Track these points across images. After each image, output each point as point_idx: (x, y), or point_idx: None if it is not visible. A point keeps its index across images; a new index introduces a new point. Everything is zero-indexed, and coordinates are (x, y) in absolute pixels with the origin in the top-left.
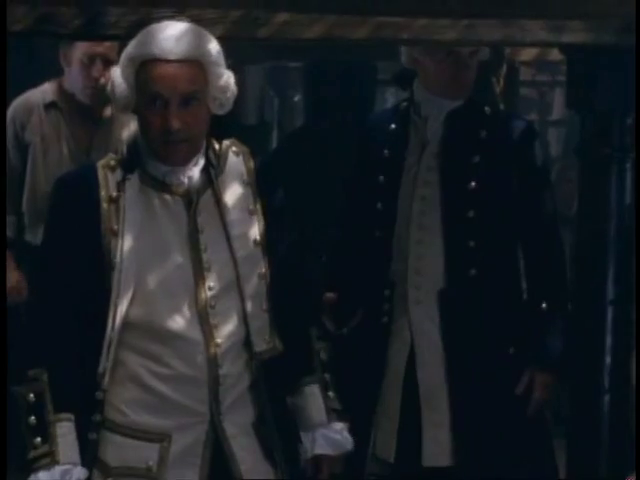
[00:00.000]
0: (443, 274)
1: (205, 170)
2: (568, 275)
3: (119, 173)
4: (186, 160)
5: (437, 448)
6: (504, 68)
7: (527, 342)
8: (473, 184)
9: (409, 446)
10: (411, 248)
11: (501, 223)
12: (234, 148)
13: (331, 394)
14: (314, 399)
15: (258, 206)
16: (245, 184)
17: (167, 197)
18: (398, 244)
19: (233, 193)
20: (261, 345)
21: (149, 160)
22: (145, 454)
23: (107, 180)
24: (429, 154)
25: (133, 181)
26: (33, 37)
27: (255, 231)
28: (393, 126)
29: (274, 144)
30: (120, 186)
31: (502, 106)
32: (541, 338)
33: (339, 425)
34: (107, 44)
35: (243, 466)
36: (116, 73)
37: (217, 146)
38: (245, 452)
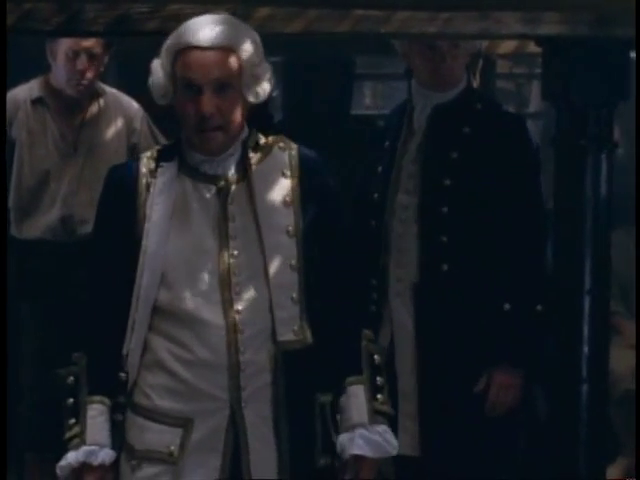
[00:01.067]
0: (417, 268)
1: (241, 160)
2: (543, 279)
3: (156, 161)
4: (221, 149)
5: (408, 438)
6: (480, 61)
7: (491, 339)
8: (448, 181)
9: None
10: (393, 240)
11: (476, 220)
12: (281, 144)
13: (380, 397)
14: (356, 400)
15: (297, 199)
16: (285, 177)
17: (201, 185)
18: (386, 235)
19: (269, 184)
20: (287, 335)
21: (187, 149)
22: (167, 438)
23: (148, 169)
24: (414, 147)
25: (168, 169)
26: (16, 34)
27: (290, 223)
28: (396, 118)
29: None
30: (153, 173)
31: None
32: (500, 339)
33: (382, 427)
34: (91, 39)
35: (253, 457)
36: (155, 64)
37: (262, 140)
38: (261, 444)
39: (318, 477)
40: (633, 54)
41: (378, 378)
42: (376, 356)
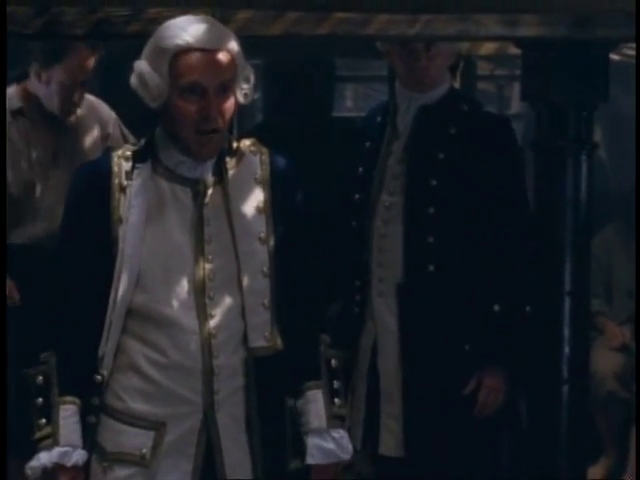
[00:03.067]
0: (402, 268)
1: (217, 164)
2: (528, 279)
3: (132, 162)
4: (215, 153)
5: (391, 438)
6: (460, 63)
7: (481, 341)
8: (434, 182)
9: (373, 435)
10: (375, 241)
11: (462, 221)
12: (253, 148)
13: (337, 401)
14: (315, 405)
15: (268, 205)
16: (257, 182)
17: (177, 187)
18: (367, 236)
19: (243, 189)
20: (259, 341)
21: (164, 150)
22: (140, 441)
23: (120, 169)
24: (399, 147)
25: (144, 170)
26: None
27: (262, 229)
28: (379, 119)
29: None
30: (129, 175)
31: None
32: (491, 340)
33: (339, 433)
34: (88, 70)
35: (227, 459)
36: (144, 66)
37: (235, 143)
38: (234, 446)
39: (291, 479)
40: (612, 55)
41: (335, 382)
42: (333, 360)
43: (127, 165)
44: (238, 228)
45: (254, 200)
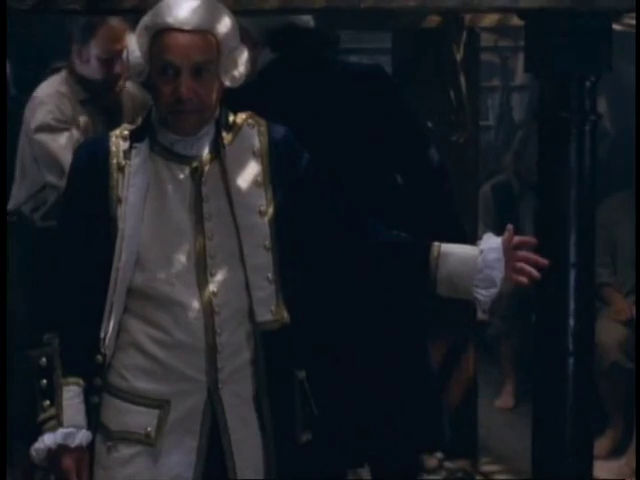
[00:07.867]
0: None
1: (215, 140)
2: None
3: (129, 142)
4: (195, 130)
5: None
6: (464, 34)
7: None
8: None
9: None
10: None
11: None
12: (250, 120)
13: None
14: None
15: (267, 178)
16: (256, 156)
17: (174, 165)
18: None
19: (241, 164)
20: (265, 315)
21: (160, 129)
22: (144, 420)
23: (118, 149)
24: None
25: (141, 149)
26: None
27: (262, 202)
28: None
29: None
30: (127, 154)
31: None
32: None
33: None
34: (123, 42)
35: (234, 436)
36: (132, 41)
37: (231, 117)
38: (240, 423)
39: (301, 453)
40: (615, 26)
41: None
42: None
43: (125, 145)
44: (237, 203)
45: (252, 173)
